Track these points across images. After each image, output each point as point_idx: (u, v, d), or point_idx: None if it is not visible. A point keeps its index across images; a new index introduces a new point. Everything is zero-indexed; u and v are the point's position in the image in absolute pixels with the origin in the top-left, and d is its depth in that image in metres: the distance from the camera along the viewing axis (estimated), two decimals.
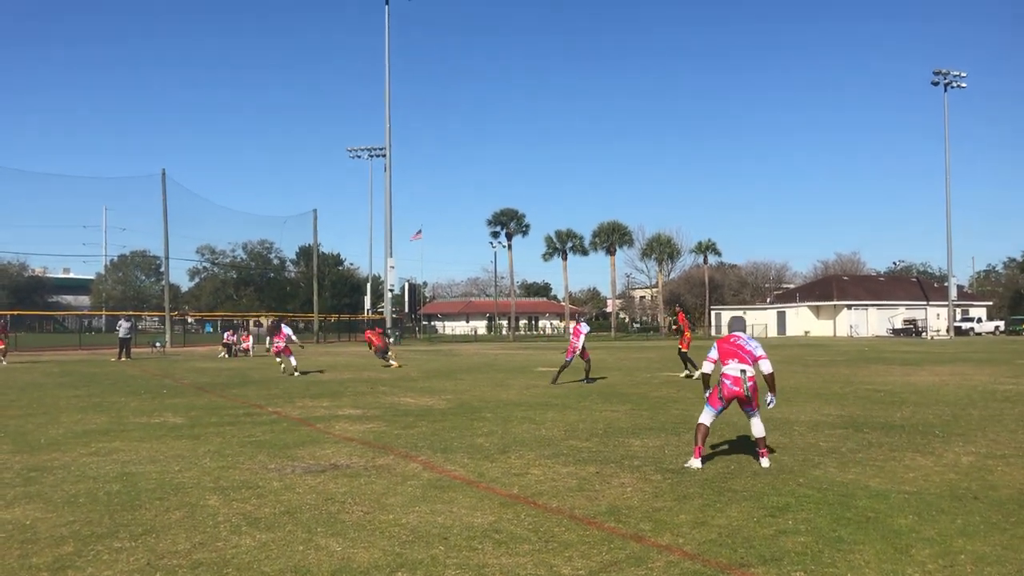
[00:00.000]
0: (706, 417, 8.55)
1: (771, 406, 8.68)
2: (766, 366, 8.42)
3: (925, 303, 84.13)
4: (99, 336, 63.70)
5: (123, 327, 34.71)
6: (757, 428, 8.53)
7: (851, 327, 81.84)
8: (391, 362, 27.10)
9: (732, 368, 8.42)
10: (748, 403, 8.45)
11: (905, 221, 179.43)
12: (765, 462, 8.38)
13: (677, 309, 25.78)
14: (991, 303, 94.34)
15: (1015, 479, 7.79)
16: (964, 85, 73.49)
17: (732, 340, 8.69)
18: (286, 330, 24.23)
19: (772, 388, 8.56)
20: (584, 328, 19.45)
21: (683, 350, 21.31)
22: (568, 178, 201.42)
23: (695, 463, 8.40)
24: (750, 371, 8.41)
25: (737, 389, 8.36)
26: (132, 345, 35.51)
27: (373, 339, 27.71)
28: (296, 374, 23.11)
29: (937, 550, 5.43)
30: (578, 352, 18.94)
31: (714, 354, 8.65)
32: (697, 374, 19.46)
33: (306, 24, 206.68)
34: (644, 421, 12.29)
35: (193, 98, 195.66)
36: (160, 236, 52.32)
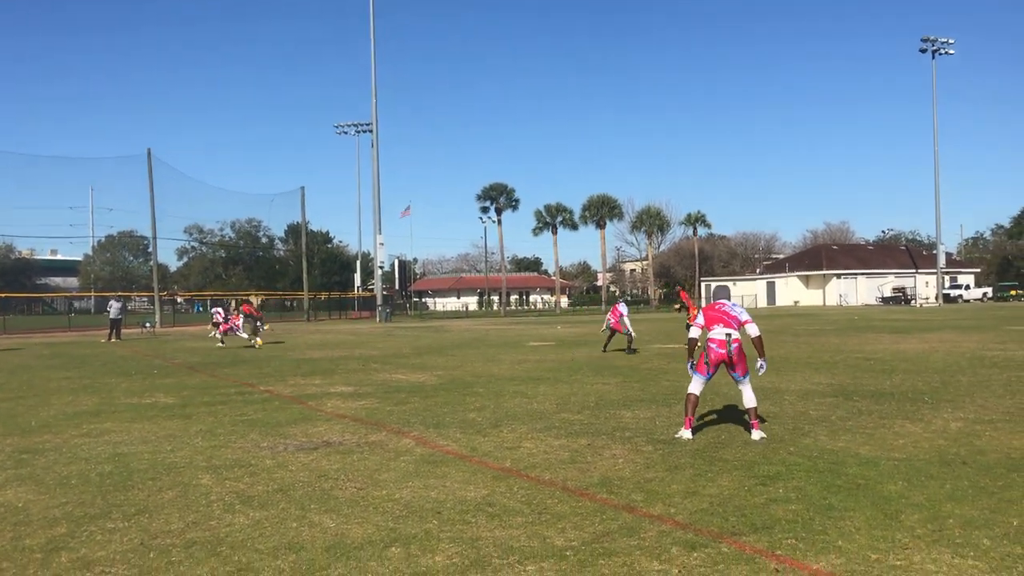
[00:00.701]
0: (695, 386, 8.59)
1: (762, 371, 8.69)
2: (753, 329, 8.43)
3: (914, 271, 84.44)
4: (88, 317, 63.48)
5: (114, 308, 34.52)
6: (748, 398, 8.52)
7: (840, 296, 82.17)
8: (254, 340, 27.76)
9: (718, 332, 8.47)
10: (734, 367, 8.46)
11: (894, 190, 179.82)
12: (756, 434, 8.32)
13: (678, 289, 26.93)
14: (979, 270, 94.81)
15: (1003, 444, 7.86)
16: (952, 52, 73.33)
17: (717, 307, 8.72)
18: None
19: (761, 352, 8.56)
20: (623, 308, 21.65)
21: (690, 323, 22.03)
22: (557, 152, 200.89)
23: (686, 434, 8.45)
24: (735, 334, 8.44)
25: (722, 351, 8.40)
26: (122, 326, 35.37)
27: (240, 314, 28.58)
28: (221, 345, 26.55)
29: (926, 515, 5.48)
30: (625, 328, 21.10)
31: (701, 320, 8.69)
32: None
33: None
34: (635, 393, 12.34)
35: (178, 77, 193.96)
36: (147, 216, 52.06)
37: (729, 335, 8.41)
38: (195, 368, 18.84)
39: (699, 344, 8.70)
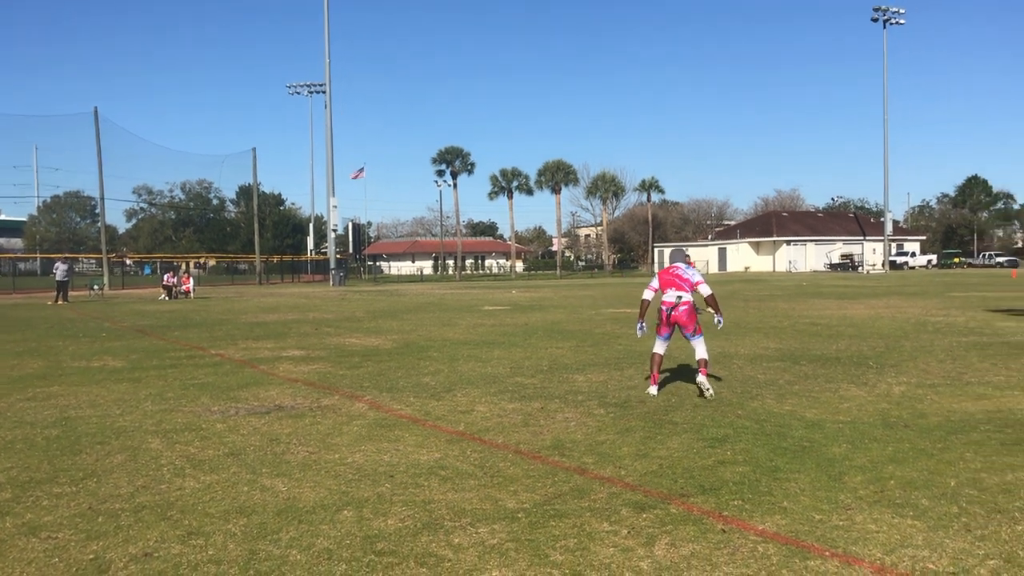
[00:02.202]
0: (659, 347, 8.95)
1: (720, 326, 9.10)
2: (705, 289, 8.78)
3: (862, 238, 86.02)
4: (34, 279, 62.03)
5: (60, 270, 33.76)
6: (699, 351, 8.83)
7: (790, 262, 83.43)
8: None
9: (669, 295, 8.80)
10: (684, 327, 8.74)
11: (844, 157, 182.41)
12: (700, 378, 8.61)
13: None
14: (924, 238, 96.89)
15: (943, 407, 8.08)
16: (903, 22, 74.21)
17: (672, 271, 8.98)
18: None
19: (717, 309, 8.94)
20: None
21: None
22: (514, 117, 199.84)
23: (653, 390, 8.81)
24: (686, 296, 8.74)
25: (666, 311, 8.75)
26: (70, 288, 34.62)
27: None
28: None
29: (869, 476, 5.62)
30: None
31: (655, 283, 9.01)
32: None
33: None
34: (588, 357, 12.44)
35: (125, 34, 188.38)
36: (94, 176, 50.83)
37: (679, 297, 8.72)
38: (144, 331, 18.54)
39: (652, 306, 8.99)
